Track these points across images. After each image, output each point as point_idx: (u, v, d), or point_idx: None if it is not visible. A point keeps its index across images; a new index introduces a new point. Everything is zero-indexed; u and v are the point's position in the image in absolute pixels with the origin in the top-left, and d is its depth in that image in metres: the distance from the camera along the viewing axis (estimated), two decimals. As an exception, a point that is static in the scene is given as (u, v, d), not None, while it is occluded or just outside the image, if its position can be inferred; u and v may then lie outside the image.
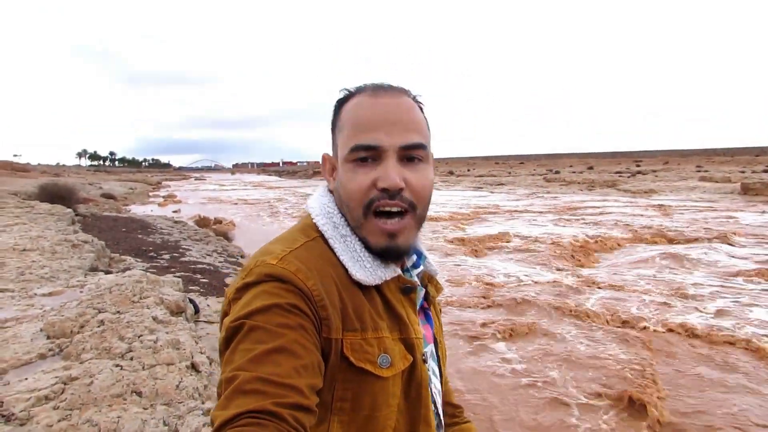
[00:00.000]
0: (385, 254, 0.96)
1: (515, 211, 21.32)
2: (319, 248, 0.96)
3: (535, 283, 8.85)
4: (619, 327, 6.50)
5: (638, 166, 55.90)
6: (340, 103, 1.03)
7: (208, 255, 9.30)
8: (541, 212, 20.80)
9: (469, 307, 7.48)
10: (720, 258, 10.62)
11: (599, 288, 8.45)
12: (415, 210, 0.96)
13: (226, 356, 0.83)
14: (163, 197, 34.81)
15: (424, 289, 1.07)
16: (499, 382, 5.07)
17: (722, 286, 8.43)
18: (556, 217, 18.64)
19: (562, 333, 6.35)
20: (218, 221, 18.38)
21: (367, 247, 0.97)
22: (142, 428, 1.44)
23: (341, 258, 0.96)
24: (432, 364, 1.06)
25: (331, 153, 1.07)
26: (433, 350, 1.08)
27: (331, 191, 1.06)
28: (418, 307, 1.06)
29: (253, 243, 12.43)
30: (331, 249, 0.97)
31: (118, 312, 2.64)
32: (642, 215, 18.06)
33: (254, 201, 28.98)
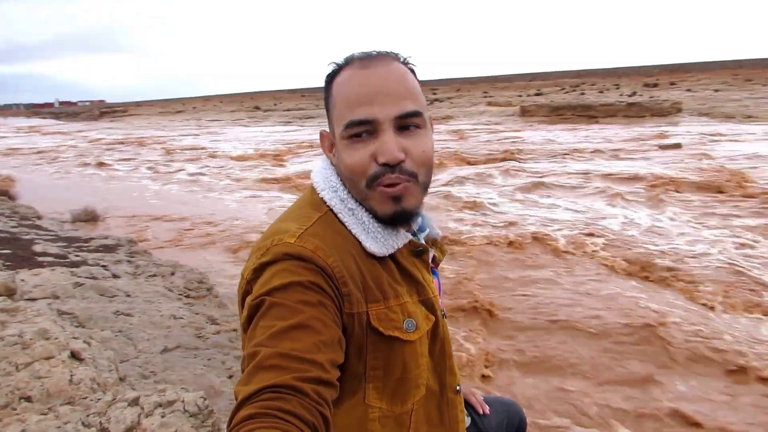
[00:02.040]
0: (394, 220, 0.97)
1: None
2: (333, 223, 0.96)
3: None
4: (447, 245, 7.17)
5: (435, 94, 59.89)
6: (330, 79, 1.00)
7: (-5, 221, 7.93)
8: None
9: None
10: (518, 173, 12.11)
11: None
12: (417, 178, 0.96)
13: (249, 333, 0.84)
14: None
15: (432, 251, 1.10)
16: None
17: (519, 200, 9.68)
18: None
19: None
20: (-9, 178, 15.61)
21: (376, 218, 0.97)
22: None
23: (353, 231, 0.97)
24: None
25: (328, 129, 1.04)
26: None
27: (333, 165, 1.03)
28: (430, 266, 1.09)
29: (46, 200, 10.90)
30: (342, 223, 0.95)
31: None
32: (444, 140, 19.63)
33: (31, 150, 25.04)
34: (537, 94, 43.02)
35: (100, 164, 18.34)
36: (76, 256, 5.47)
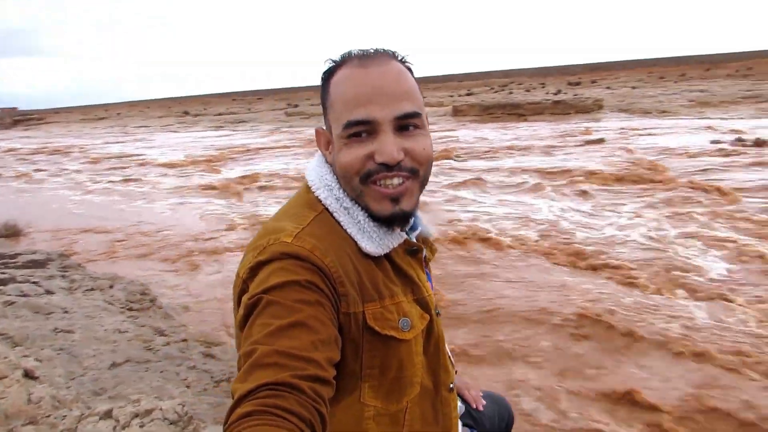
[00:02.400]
0: (391, 220, 0.98)
1: (264, 148, 21.27)
2: (329, 222, 0.96)
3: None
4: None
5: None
6: (327, 76, 1.00)
7: None
8: (287, 146, 21.19)
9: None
10: (451, 172, 12.36)
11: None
12: (417, 174, 0.98)
13: (245, 331, 0.84)
14: None
15: (425, 250, 1.12)
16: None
17: (457, 197, 9.90)
18: (304, 150, 19.24)
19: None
20: None
21: (372, 216, 0.98)
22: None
23: (349, 231, 0.97)
24: None
25: (323, 127, 1.04)
26: None
27: (329, 163, 1.03)
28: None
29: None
30: (337, 222, 0.96)
31: None
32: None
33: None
34: (468, 94, 44.11)
35: (18, 175, 17.23)
36: (2, 273, 5.14)
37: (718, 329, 4.26)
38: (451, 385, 1.14)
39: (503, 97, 36.14)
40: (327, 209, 0.98)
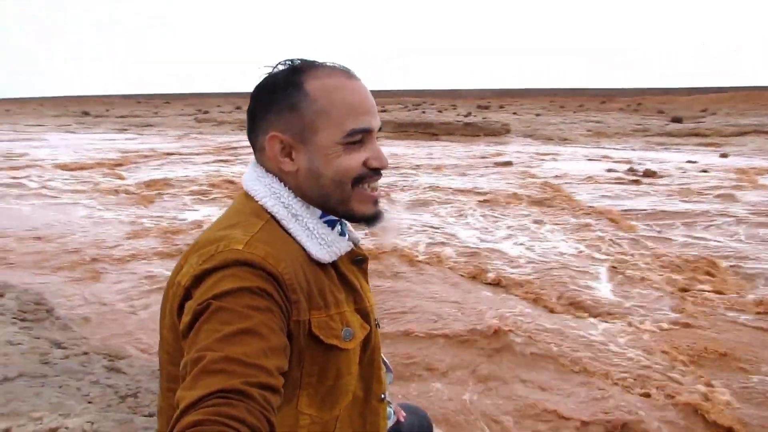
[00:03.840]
0: (373, 219, 1.06)
1: (173, 153, 20.41)
2: (276, 230, 0.96)
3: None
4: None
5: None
6: (294, 78, 0.99)
7: None
8: (198, 153, 20.47)
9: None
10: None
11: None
12: None
13: (191, 337, 0.81)
14: None
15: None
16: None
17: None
18: (215, 158, 18.68)
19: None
20: None
21: (353, 218, 1.05)
22: None
23: (298, 238, 0.97)
24: None
25: (277, 132, 1.00)
26: None
27: (281, 171, 1.01)
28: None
29: None
30: (285, 230, 0.96)
31: None
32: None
33: None
34: (382, 111, 44.79)
35: None
36: None
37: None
38: (383, 396, 1.15)
39: (416, 115, 37.07)
40: (273, 217, 0.98)
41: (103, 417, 2.42)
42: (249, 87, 1.05)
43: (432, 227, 8.68)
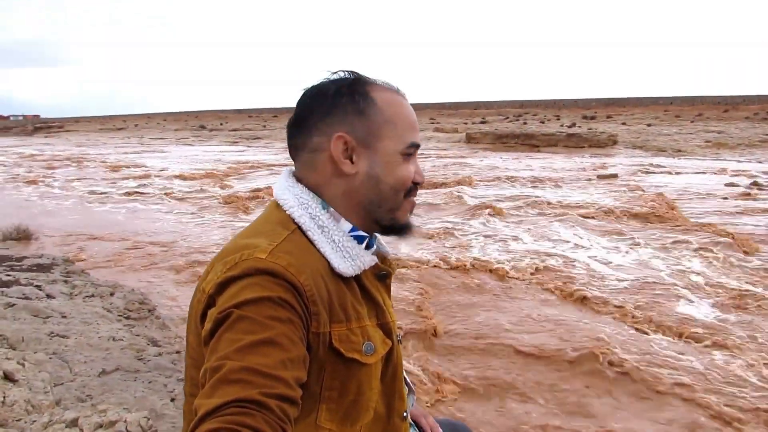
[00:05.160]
0: (409, 229, 1.08)
1: (276, 165, 21.44)
2: (302, 241, 0.96)
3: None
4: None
5: (382, 118, 60.55)
6: (360, 87, 1.03)
7: None
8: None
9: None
10: (466, 199, 12.36)
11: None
12: None
13: (211, 345, 0.82)
14: None
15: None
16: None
17: (467, 225, 9.88)
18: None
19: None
20: None
21: (393, 227, 1.07)
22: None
23: (322, 250, 0.97)
24: None
25: (343, 133, 1.01)
26: None
27: (341, 173, 1.02)
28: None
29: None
30: (310, 241, 0.96)
31: None
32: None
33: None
34: (482, 122, 44.29)
35: (33, 181, 17.48)
36: (7, 275, 5.19)
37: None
38: (405, 414, 1.12)
39: (517, 126, 36.24)
40: (300, 228, 0.98)
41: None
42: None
43: (522, 242, 8.41)
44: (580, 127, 34.96)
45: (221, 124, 63.89)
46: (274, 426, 0.73)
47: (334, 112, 1.01)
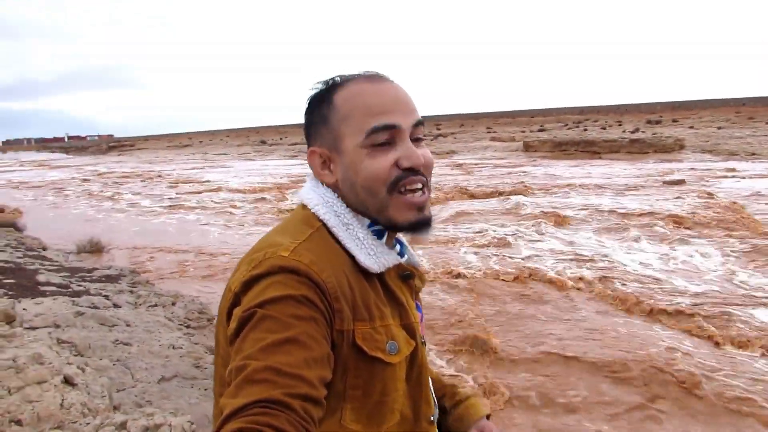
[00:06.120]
0: (417, 227, 0.99)
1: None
2: (326, 238, 0.96)
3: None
4: (450, 279, 7.12)
5: (438, 129, 60.55)
6: (327, 95, 1.00)
7: (1, 251, 7.99)
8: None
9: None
10: (524, 207, 12.13)
11: (423, 245, 9.12)
12: (428, 182, 1.00)
13: (237, 344, 0.82)
14: None
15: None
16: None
17: (525, 234, 9.67)
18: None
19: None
20: None
21: (394, 228, 1.00)
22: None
23: (347, 246, 0.96)
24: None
25: (315, 147, 1.02)
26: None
27: (325, 184, 1.02)
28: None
29: (52, 232, 10.98)
30: (335, 238, 0.96)
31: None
32: (448, 174, 19.75)
33: (40, 183, 25.32)
34: (540, 130, 43.37)
35: (107, 197, 18.51)
36: (79, 285, 5.48)
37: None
38: (432, 418, 1.08)
39: (577, 133, 35.30)
40: (325, 225, 0.97)
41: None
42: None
43: (578, 251, 8.13)
44: (644, 132, 33.69)
45: (281, 138, 65.65)
46: (297, 426, 0.72)
47: (310, 128, 1.03)
